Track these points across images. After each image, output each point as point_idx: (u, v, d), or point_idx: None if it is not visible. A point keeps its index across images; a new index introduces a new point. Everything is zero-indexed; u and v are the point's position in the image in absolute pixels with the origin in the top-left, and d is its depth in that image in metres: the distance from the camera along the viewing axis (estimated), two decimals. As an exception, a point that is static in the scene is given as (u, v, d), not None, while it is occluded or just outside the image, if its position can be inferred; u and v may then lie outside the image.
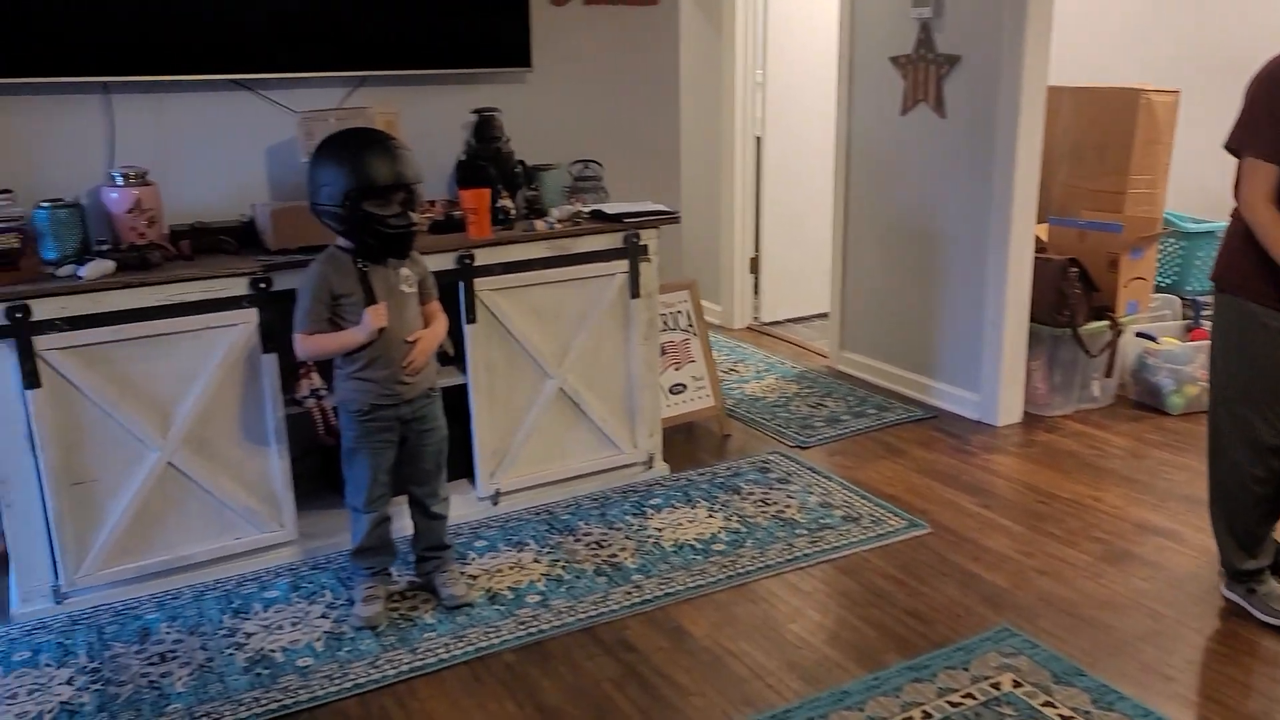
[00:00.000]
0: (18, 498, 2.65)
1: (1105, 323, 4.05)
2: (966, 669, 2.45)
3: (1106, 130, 4.08)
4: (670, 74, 3.95)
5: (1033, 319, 3.98)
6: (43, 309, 2.57)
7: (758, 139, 5.32)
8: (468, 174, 3.37)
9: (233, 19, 3.07)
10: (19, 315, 2.54)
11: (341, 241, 2.61)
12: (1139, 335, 4.20)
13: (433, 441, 2.76)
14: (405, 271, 2.67)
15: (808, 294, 5.50)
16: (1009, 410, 4.02)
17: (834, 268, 4.70)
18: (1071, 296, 3.95)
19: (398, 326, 2.63)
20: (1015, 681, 2.40)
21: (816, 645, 2.59)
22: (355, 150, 2.52)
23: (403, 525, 2.88)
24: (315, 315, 2.60)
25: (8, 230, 2.53)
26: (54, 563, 2.72)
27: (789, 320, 5.54)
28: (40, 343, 2.58)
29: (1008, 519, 3.24)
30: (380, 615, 2.69)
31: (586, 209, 3.42)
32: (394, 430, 2.68)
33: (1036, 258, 3.95)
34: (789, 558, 2.99)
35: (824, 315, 5.14)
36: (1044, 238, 4.18)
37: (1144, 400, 4.19)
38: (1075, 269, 3.96)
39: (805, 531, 3.15)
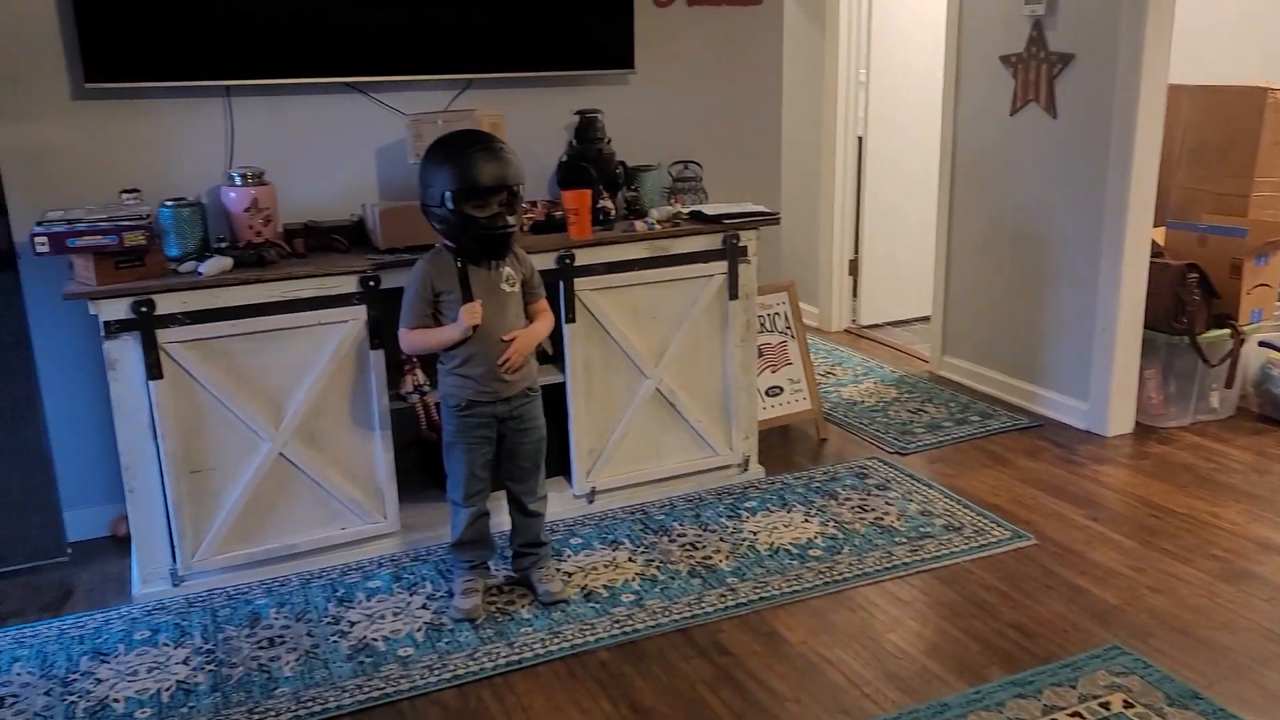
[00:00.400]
0: (140, 484, 2.78)
1: (1226, 331, 3.87)
2: (1074, 687, 2.37)
3: (1230, 131, 3.91)
4: (773, 74, 3.92)
5: (1147, 326, 3.83)
6: (166, 304, 2.69)
7: (859, 139, 5.25)
8: (569, 174, 3.40)
9: (346, 25, 3.16)
10: (144, 309, 2.66)
11: (447, 240, 2.66)
12: (1262, 345, 4.01)
13: (530, 440, 2.79)
14: (507, 271, 2.70)
15: (908, 297, 5.40)
16: (1120, 420, 3.88)
17: (936, 270, 4.61)
18: (1190, 303, 3.79)
19: (496, 325, 2.67)
20: (1126, 702, 2.31)
21: (915, 656, 2.54)
22: (458, 152, 2.57)
23: (501, 521, 2.93)
24: (417, 311, 2.66)
25: (136, 228, 2.64)
26: (172, 547, 2.84)
27: (888, 324, 5.45)
28: (163, 336, 2.70)
29: (1118, 533, 3.13)
30: (478, 608, 2.73)
31: (686, 210, 3.42)
32: (491, 426, 2.72)
33: (1152, 262, 3.80)
34: (887, 566, 2.94)
35: (925, 319, 5.04)
36: (1160, 242, 4.02)
37: (1267, 413, 3.99)
38: (1194, 274, 3.80)
39: (904, 540, 3.09)
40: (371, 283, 2.89)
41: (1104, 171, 3.73)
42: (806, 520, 3.23)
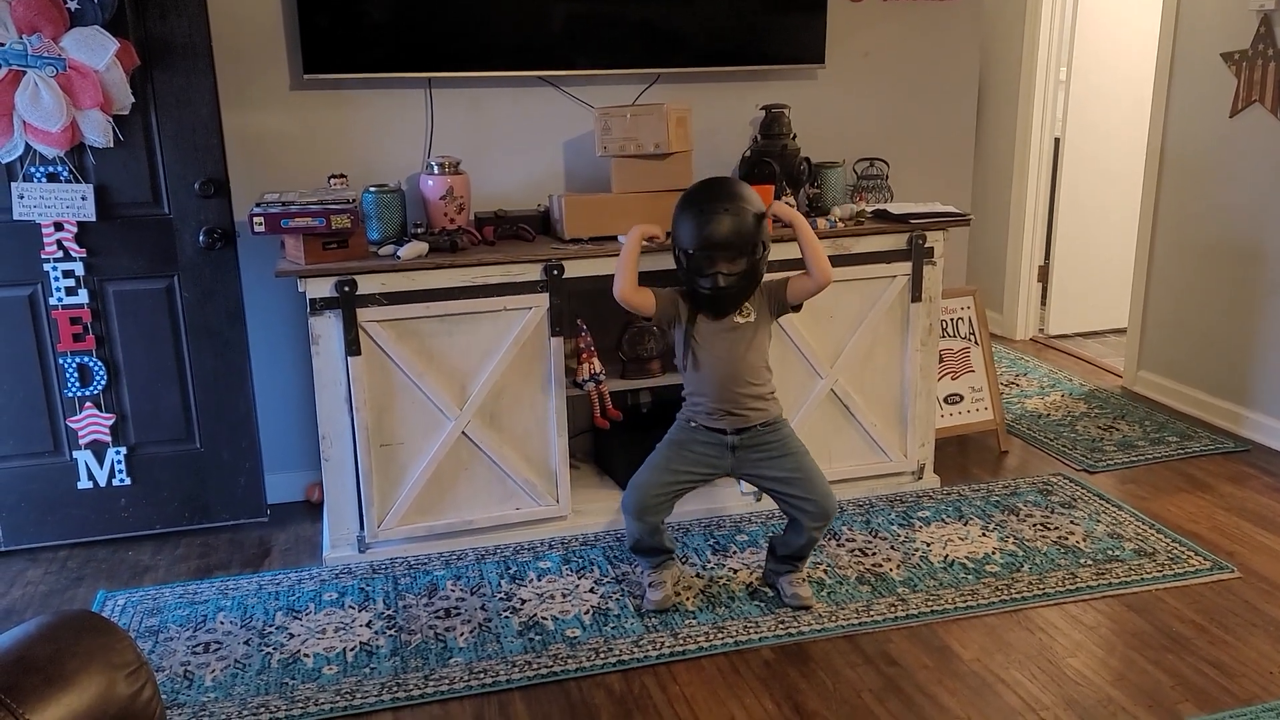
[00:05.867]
0: (335, 453, 2.94)
1: None
2: (1279, 735, 2.20)
3: None
4: (968, 71, 3.78)
5: (1380, 349, 3.50)
6: (366, 284, 2.83)
7: (1056, 140, 5.01)
8: (752, 170, 3.38)
9: (541, 20, 3.25)
10: (347, 289, 2.82)
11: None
12: None
13: (784, 468, 2.68)
14: (738, 319, 2.66)
15: (1102, 306, 5.12)
16: (1341, 450, 3.56)
17: (1135, 279, 4.34)
18: None
19: (722, 365, 2.64)
20: (1340, 757, 2.12)
21: (1099, 685, 2.40)
22: (695, 207, 2.57)
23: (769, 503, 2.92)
24: (660, 296, 2.68)
25: (342, 211, 2.80)
26: (360, 515, 2.99)
27: (1078, 334, 5.17)
28: (363, 314, 2.84)
29: (1335, 573, 2.87)
30: (670, 597, 2.73)
31: (870, 208, 3.34)
32: (707, 450, 2.68)
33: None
34: (1070, 588, 2.79)
35: (1119, 331, 4.76)
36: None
37: None
38: None
39: (1090, 562, 2.93)
40: (555, 271, 2.96)
41: (1337, 178, 3.42)
42: (984, 534, 3.11)
